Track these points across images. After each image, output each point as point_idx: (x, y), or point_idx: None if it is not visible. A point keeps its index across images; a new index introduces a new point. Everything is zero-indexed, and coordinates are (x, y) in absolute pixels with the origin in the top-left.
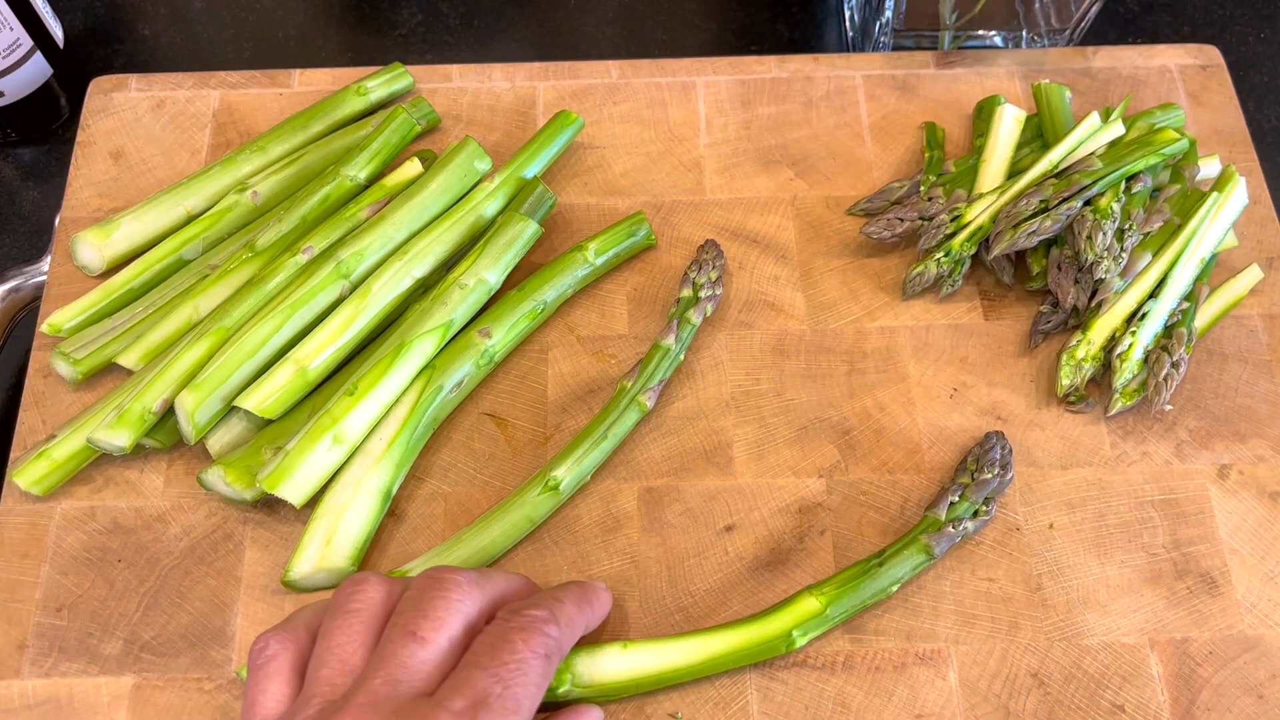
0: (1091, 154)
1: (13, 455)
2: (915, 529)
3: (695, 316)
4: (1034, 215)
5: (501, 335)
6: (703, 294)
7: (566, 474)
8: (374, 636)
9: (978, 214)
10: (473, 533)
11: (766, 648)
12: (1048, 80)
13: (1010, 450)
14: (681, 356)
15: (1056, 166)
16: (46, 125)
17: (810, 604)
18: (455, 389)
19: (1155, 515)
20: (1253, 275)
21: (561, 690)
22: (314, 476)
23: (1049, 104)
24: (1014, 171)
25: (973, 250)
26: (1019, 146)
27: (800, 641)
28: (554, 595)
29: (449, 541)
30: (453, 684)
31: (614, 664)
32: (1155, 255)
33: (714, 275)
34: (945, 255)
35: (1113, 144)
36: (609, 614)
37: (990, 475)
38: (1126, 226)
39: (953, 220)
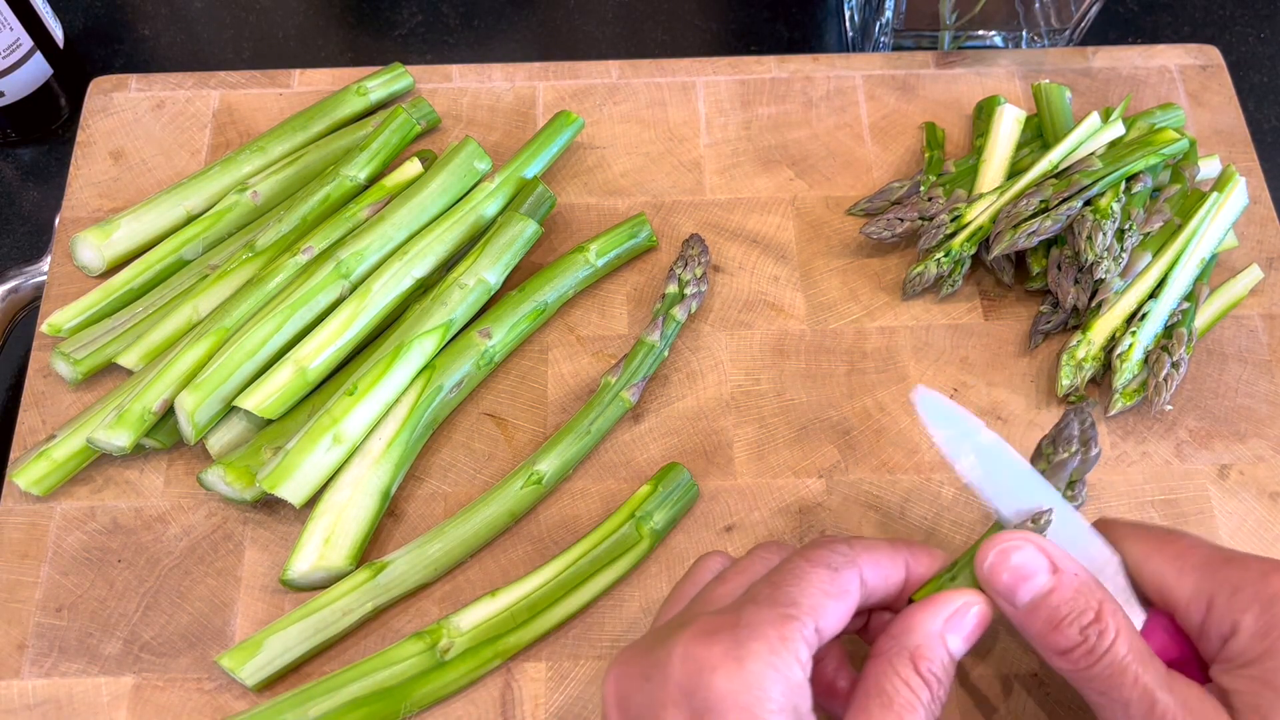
0: (1091, 154)
1: (13, 455)
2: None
3: (680, 313)
4: (1034, 215)
5: (502, 335)
6: (688, 290)
7: (549, 467)
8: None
9: (978, 214)
10: (455, 523)
11: (619, 544)
12: (1048, 80)
13: (1092, 424)
14: (665, 353)
15: (1056, 166)
16: (46, 125)
17: (643, 490)
18: (455, 389)
19: (1155, 515)
20: (1253, 275)
21: (441, 643)
22: (314, 476)
23: (1049, 104)
24: (1014, 171)
25: (973, 250)
26: (1019, 146)
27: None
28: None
29: (431, 532)
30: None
31: (485, 609)
32: (1155, 255)
33: (699, 271)
34: (945, 255)
35: (1113, 144)
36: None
37: (1067, 454)
38: (1126, 226)
39: (953, 220)
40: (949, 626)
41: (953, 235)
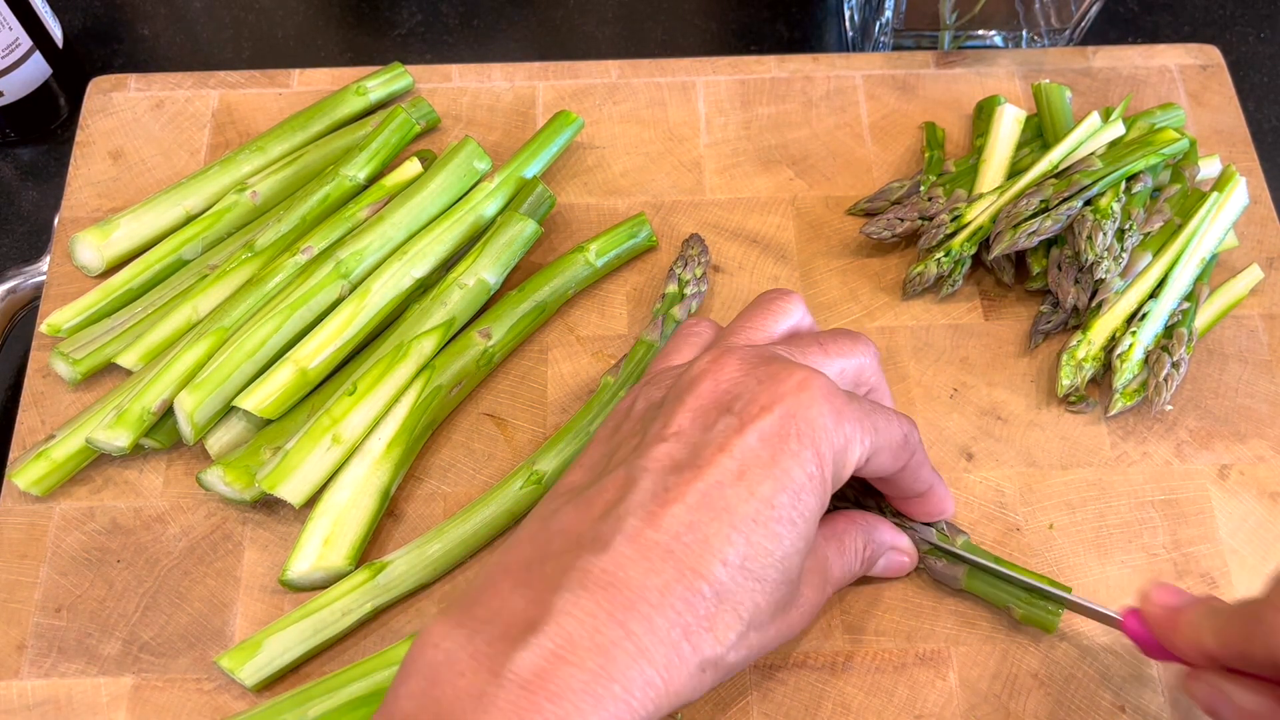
0: (1091, 154)
1: (12, 455)
2: None
3: (680, 313)
4: (1034, 215)
5: (501, 335)
6: (688, 290)
7: (549, 467)
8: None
9: (978, 214)
10: (455, 523)
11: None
12: (1048, 80)
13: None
14: None
15: (1056, 166)
16: (46, 125)
17: None
18: (455, 389)
19: (1155, 515)
20: (1253, 275)
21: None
22: (313, 476)
23: (1049, 104)
24: (1014, 171)
25: (973, 250)
26: (1019, 146)
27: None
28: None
29: (431, 532)
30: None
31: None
32: (1155, 255)
33: (699, 271)
34: (945, 255)
35: (1113, 144)
36: None
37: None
38: (1127, 226)
39: (953, 220)
40: (893, 551)
41: (953, 235)
